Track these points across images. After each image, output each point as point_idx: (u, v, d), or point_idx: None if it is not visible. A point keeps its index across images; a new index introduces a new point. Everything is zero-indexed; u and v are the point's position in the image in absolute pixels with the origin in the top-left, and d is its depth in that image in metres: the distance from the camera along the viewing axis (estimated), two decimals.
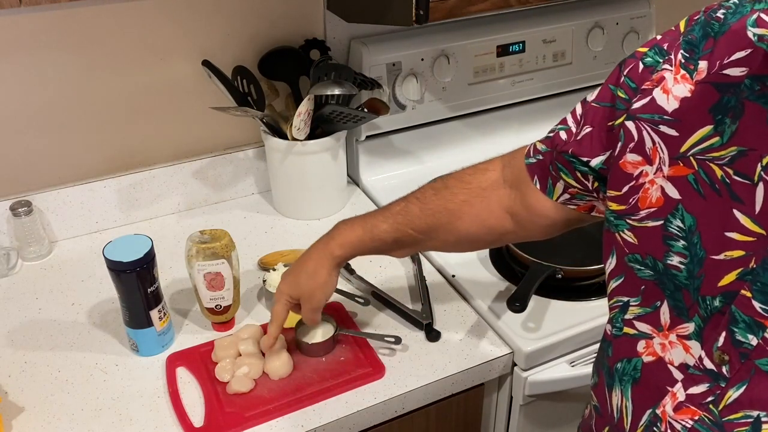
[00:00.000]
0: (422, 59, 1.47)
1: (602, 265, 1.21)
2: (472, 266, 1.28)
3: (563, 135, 0.85)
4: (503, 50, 1.56)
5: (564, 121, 0.87)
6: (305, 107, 1.29)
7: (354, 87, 1.32)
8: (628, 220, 0.74)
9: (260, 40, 1.41)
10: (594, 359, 0.89)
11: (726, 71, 0.66)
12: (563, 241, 1.30)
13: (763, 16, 0.65)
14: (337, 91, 1.29)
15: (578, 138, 0.82)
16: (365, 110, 1.39)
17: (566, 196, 0.87)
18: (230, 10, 1.36)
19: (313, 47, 1.44)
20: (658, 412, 0.72)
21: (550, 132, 0.89)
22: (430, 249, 1.16)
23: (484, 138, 1.64)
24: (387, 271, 1.28)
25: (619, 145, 0.75)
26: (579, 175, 0.83)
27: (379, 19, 1.22)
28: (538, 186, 0.89)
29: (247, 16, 1.38)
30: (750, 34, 0.65)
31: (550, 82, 1.65)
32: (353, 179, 1.56)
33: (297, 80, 1.42)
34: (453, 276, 1.26)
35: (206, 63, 1.33)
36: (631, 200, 0.73)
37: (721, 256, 0.66)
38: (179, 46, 1.35)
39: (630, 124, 0.73)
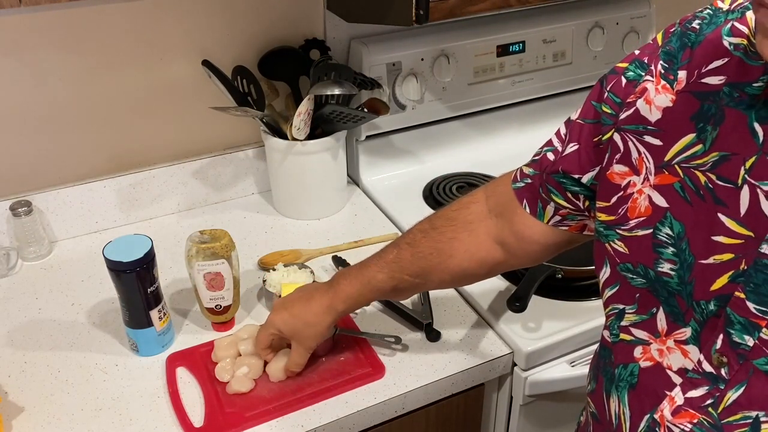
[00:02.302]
0: (422, 59, 1.47)
1: None
2: None
3: (550, 156, 0.86)
4: (503, 50, 1.56)
5: (549, 143, 0.87)
6: (305, 107, 1.29)
7: (354, 87, 1.32)
8: (618, 231, 0.74)
9: (260, 40, 1.41)
10: (590, 363, 0.89)
11: (704, 80, 0.67)
12: None
13: (737, 25, 0.67)
14: (337, 91, 1.29)
15: (564, 155, 0.83)
16: (365, 110, 1.39)
17: (557, 218, 0.88)
18: (230, 10, 1.36)
19: (313, 47, 1.44)
20: (656, 416, 0.72)
21: (535, 155, 0.89)
22: (431, 289, 1.15)
23: (484, 138, 1.64)
24: None
25: (607, 156, 0.75)
26: (570, 195, 0.84)
27: (379, 19, 1.22)
28: (527, 210, 0.89)
29: (246, 16, 1.38)
30: (726, 44, 0.66)
31: (550, 82, 1.65)
32: (353, 179, 1.56)
33: (297, 80, 1.42)
34: None
35: (206, 63, 1.33)
36: (620, 210, 0.74)
37: (710, 260, 0.66)
38: (179, 46, 1.35)
39: (616, 136, 0.74)
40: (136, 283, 1.04)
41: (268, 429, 0.99)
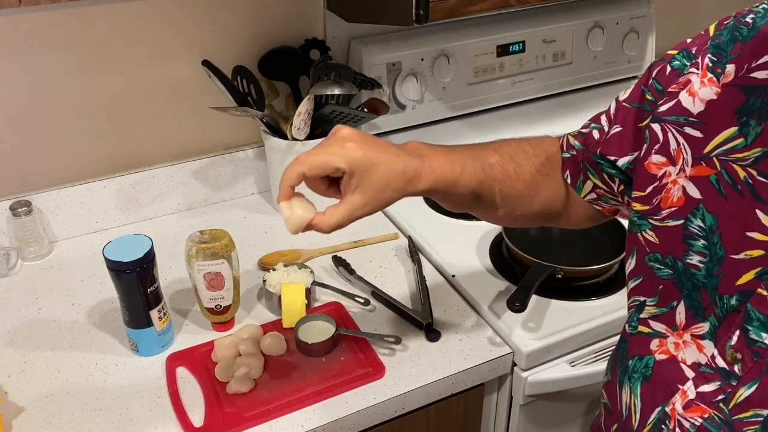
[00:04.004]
0: (422, 59, 1.47)
1: (602, 265, 1.22)
2: (472, 266, 1.28)
3: (596, 134, 0.86)
4: (503, 50, 1.56)
5: (597, 120, 0.87)
6: (305, 107, 1.29)
7: (354, 87, 1.32)
8: (650, 220, 0.74)
9: (260, 40, 1.41)
10: (607, 357, 0.89)
11: (753, 74, 0.66)
12: (563, 241, 1.30)
13: None
14: (337, 91, 1.29)
15: (607, 137, 0.83)
16: (365, 110, 1.39)
17: (593, 195, 0.88)
18: (230, 10, 1.36)
19: (313, 47, 1.44)
20: (668, 409, 0.72)
21: (584, 127, 0.89)
22: (499, 199, 0.89)
23: (484, 138, 1.61)
24: (387, 271, 1.28)
25: (645, 146, 0.75)
26: (606, 176, 0.84)
27: (379, 19, 1.22)
28: (569, 180, 0.90)
29: (247, 16, 1.38)
30: None
31: (550, 82, 1.65)
32: None
33: (297, 80, 1.42)
34: (453, 276, 1.26)
35: (206, 63, 1.33)
36: (654, 200, 0.74)
37: (741, 255, 0.66)
38: (179, 46, 1.35)
39: (655, 126, 0.74)
40: (136, 283, 1.04)
41: (268, 429, 0.99)
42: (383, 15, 1.20)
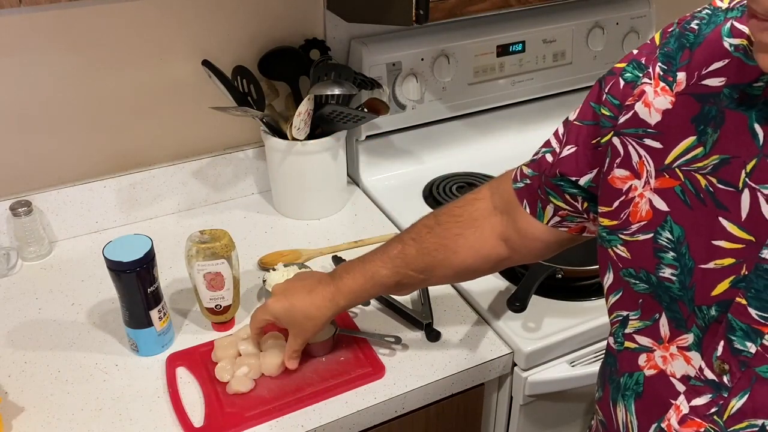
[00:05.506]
0: (422, 59, 1.47)
1: None
2: None
3: (549, 158, 0.86)
4: (503, 50, 1.56)
5: (548, 144, 0.87)
6: (305, 107, 1.29)
7: (354, 87, 1.32)
8: (620, 235, 0.74)
9: (260, 40, 1.41)
10: (598, 369, 0.89)
11: (704, 82, 0.66)
12: None
13: (736, 24, 0.65)
14: (337, 91, 1.29)
15: (561, 157, 0.83)
16: (365, 110, 1.39)
17: (557, 218, 0.88)
18: (230, 10, 1.36)
19: (313, 47, 1.44)
20: (664, 425, 0.71)
21: (534, 155, 0.89)
22: (433, 285, 1.15)
23: (484, 138, 1.64)
24: None
25: (607, 161, 0.75)
26: (568, 197, 0.84)
27: (379, 19, 1.22)
28: (528, 210, 0.89)
29: (247, 16, 1.38)
30: (726, 45, 0.65)
31: (550, 82, 1.65)
32: (353, 179, 1.56)
33: (297, 80, 1.42)
34: None
35: (206, 63, 1.33)
36: (622, 215, 0.73)
37: (711, 265, 0.66)
38: (179, 46, 1.35)
39: (615, 140, 0.74)
40: (136, 283, 1.04)
41: (268, 429, 0.99)
42: (383, 15, 1.20)
